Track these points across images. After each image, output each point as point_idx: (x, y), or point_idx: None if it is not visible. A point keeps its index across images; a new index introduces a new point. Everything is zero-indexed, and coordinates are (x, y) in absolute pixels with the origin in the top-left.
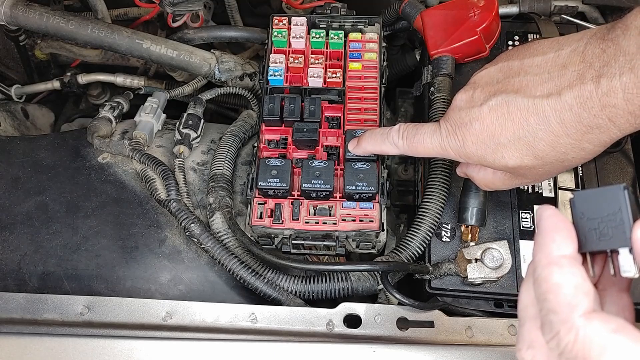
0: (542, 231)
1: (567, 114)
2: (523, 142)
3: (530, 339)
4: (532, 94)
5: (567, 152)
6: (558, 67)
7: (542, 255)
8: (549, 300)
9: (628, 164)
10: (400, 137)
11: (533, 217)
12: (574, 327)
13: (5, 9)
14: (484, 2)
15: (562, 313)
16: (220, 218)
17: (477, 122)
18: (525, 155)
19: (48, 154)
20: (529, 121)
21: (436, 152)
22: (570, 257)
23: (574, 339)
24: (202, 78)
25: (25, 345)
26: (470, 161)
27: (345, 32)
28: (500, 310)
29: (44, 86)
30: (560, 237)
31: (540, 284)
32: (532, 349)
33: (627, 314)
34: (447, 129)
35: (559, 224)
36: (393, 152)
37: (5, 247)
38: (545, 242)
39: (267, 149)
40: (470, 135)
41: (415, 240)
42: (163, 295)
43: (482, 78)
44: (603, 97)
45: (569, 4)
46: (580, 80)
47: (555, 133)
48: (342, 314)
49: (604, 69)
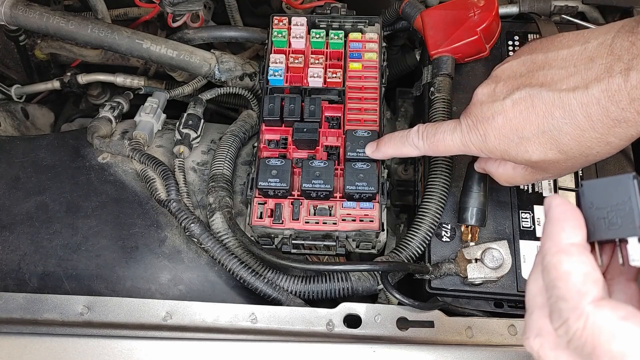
0: (551, 220)
1: (594, 108)
2: (548, 136)
3: (538, 327)
4: (557, 87)
5: (592, 146)
6: (585, 60)
7: (551, 244)
8: (558, 288)
9: (628, 164)
10: (420, 137)
11: (533, 217)
12: (583, 314)
13: (5, 9)
14: (484, 2)
15: (571, 300)
16: (220, 218)
17: (500, 115)
18: (550, 149)
19: (48, 154)
20: (554, 115)
21: (457, 149)
22: (580, 245)
23: (583, 326)
24: (202, 78)
25: (25, 345)
26: (492, 156)
27: (345, 32)
28: (500, 310)
29: (44, 86)
30: (570, 225)
31: (549, 272)
32: (540, 336)
33: (636, 302)
34: (468, 124)
35: (568, 212)
36: (414, 154)
37: (5, 247)
38: (555, 231)
39: (267, 149)
40: (492, 130)
41: (415, 240)
42: (163, 295)
43: (505, 72)
44: (632, 90)
45: (569, 4)
46: (608, 74)
47: (581, 127)
48: (342, 314)
49: (633, 61)
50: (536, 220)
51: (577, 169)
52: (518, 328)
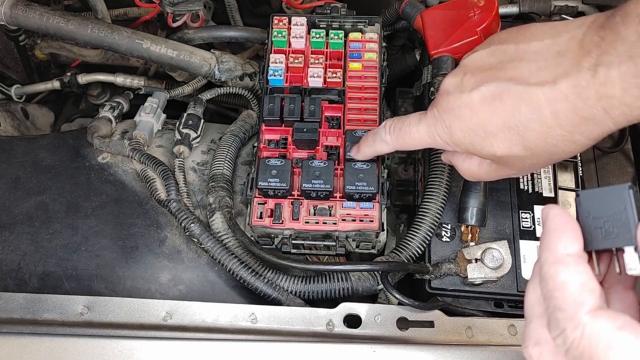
0: (548, 230)
1: (562, 104)
2: (513, 131)
3: (537, 336)
4: (526, 81)
5: (557, 144)
6: (554, 54)
7: (548, 254)
8: (555, 298)
9: (628, 164)
10: (387, 132)
11: (533, 217)
12: (580, 324)
13: (5, 9)
14: (484, 2)
15: (568, 310)
16: (220, 218)
17: (467, 108)
18: (515, 145)
19: (48, 154)
20: (521, 110)
21: (424, 141)
22: (576, 255)
23: (580, 336)
24: (202, 78)
25: (25, 345)
26: (458, 149)
27: (345, 32)
28: (500, 310)
29: (44, 86)
30: (566, 236)
31: (546, 282)
32: (539, 346)
33: (633, 311)
34: (434, 115)
35: (565, 223)
36: (386, 150)
37: (5, 247)
38: (552, 241)
39: (267, 149)
40: (458, 122)
41: (415, 240)
42: (163, 295)
43: (473, 62)
44: (600, 87)
45: (569, 4)
46: (576, 69)
47: (548, 124)
48: (342, 314)
49: (602, 57)
50: (536, 220)
51: (542, 167)
52: (518, 328)
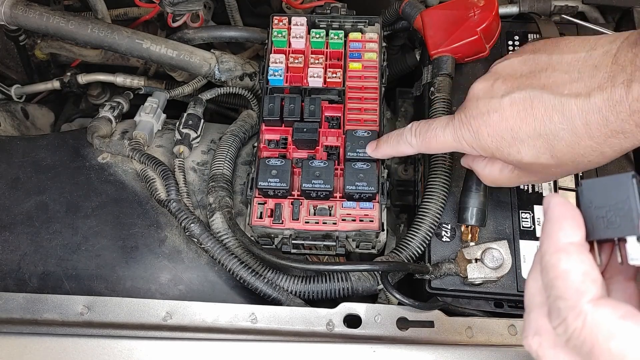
0: (549, 219)
1: (594, 116)
2: (543, 139)
3: (537, 325)
4: (559, 91)
5: (585, 154)
6: (589, 67)
7: (549, 243)
8: (556, 287)
9: (628, 164)
10: (413, 135)
11: (533, 217)
12: (582, 313)
13: (5, 9)
14: (484, 2)
15: (570, 299)
16: (220, 218)
17: (496, 113)
18: (543, 153)
19: (48, 154)
20: (552, 119)
21: (450, 145)
22: (578, 244)
23: (582, 325)
24: (202, 78)
25: (25, 345)
26: (483, 153)
27: (345, 32)
28: (500, 310)
29: (44, 86)
30: (568, 224)
31: (548, 271)
32: (539, 335)
33: (634, 301)
34: (461, 119)
35: (567, 211)
36: (410, 152)
37: (5, 247)
38: (553, 230)
39: (267, 149)
40: (486, 127)
41: (415, 240)
42: (163, 295)
43: (505, 69)
44: (633, 102)
45: (569, 4)
46: (611, 83)
47: (579, 134)
48: (342, 314)
49: (636, 74)
50: (536, 220)
51: (564, 176)
52: (518, 328)
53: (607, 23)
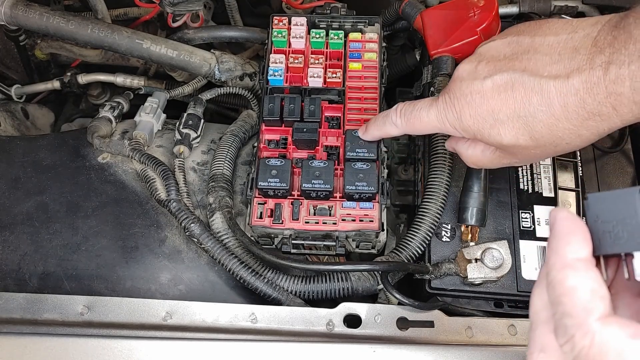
0: (556, 234)
1: (572, 98)
2: (522, 121)
3: (542, 342)
4: (539, 73)
5: (563, 136)
6: (569, 49)
7: (556, 258)
8: (563, 304)
9: (628, 163)
10: (398, 115)
11: (533, 217)
12: (589, 331)
13: (5, 9)
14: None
15: (577, 317)
16: (220, 218)
17: (478, 95)
18: (522, 134)
19: (48, 154)
20: (531, 101)
21: (433, 126)
22: (586, 260)
23: (590, 344)
24: (202, 78)
25: (25, 345)
26: (465, 134)
27: (345, 32)
28: (500, 310)
29: (44, 86)
30: (576, 239)
31: (554, 288)
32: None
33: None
34: (445, 100)
35: (574, 226)
36: (395, 133)
37: (5, 247)
38: (560, 245)
39: (267, 149)
40: (469, 108)
41: (415, 240)
42: (163, 295)
43: (489, 50)
44: (610, 84)
45: (569, 4)
46: (589, 65)
47: (556, 116)
48: (342, 314)
49: (614, 56)
50: (536, 220)
51: (545, 157)
52: (518, 328)
53: None
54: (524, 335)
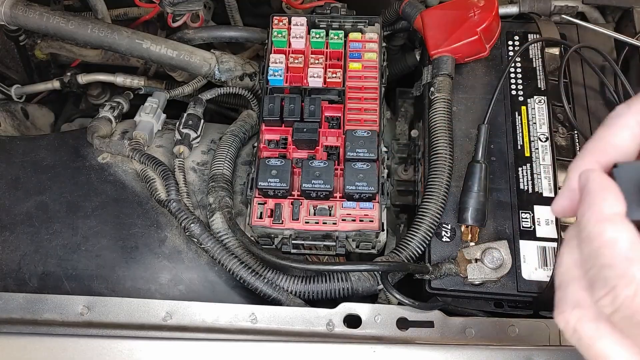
0: (590, 191)
1: None
2: None
3: (576, 299)
4: None
5: None
6: None
7: (591, 213)
8: (603, 255)
9: None
10: None
11: (533, 217)
12: (633, 280)
13: (5, 9)
14: (484, 2)
15: (619, 267)
16: (220, 218)
17: None
18: None
19: (48, 154)
20: None
21: None
22: (622, 214)
23: (634, 293)
24: (202, 78)
25: (25, 345)
26: None
27: (345, 32)
28: (500, 310)
29: (44, 86)
30: (612, 196)
31: (591, 241)
32: (579, 308)
33: None
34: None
35: (609, 184)
36: None
37: (5, 247)
38: (596, 201)
39: (267, 149)
40: None
41: (415, 240)
42: (163, 296)
43: None
44: None
45: (569, 4)
46: None
47: None
48: (342, 314)
49: None
50: (536, 221)
51: None
52: (518, 328)
53: (607, 23)
54: (524, 336)
